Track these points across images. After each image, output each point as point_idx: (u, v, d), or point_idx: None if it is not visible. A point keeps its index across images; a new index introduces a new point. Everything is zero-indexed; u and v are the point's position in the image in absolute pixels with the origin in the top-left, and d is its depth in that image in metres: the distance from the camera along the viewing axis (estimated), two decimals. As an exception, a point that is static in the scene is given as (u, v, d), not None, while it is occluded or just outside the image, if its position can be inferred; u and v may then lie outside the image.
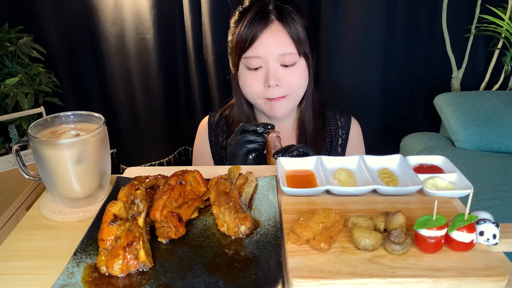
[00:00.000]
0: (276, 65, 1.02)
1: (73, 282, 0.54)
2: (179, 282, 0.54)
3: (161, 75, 2.21)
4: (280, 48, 1.01)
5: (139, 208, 0.61)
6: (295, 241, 0.57)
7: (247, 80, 1.05)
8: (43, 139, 0.68)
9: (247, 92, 1.07)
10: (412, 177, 0.73)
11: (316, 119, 1.15)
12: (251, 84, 1.04)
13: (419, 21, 2.07)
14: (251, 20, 1.01)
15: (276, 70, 1.02)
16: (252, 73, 1.03)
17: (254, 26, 1.01)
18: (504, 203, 1.49)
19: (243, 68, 1.06)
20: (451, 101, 1.94)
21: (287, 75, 1.02)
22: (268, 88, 1.02)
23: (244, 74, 1.06)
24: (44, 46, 2.00)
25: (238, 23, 1.05)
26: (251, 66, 1.03)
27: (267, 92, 1.03)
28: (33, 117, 1.84)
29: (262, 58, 1.01)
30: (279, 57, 1.01)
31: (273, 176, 0.76)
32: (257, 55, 1.01)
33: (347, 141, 1.17)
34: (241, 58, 1.04)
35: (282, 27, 1.01)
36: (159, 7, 2.06)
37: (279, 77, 1.01)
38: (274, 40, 1.01)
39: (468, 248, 0.56)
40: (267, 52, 1.01)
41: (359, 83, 2.15)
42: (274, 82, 1.01)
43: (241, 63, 1.05)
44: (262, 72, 1.03)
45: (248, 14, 1.03)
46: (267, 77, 1.01)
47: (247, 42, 1.01)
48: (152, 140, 2.36)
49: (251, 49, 1.01)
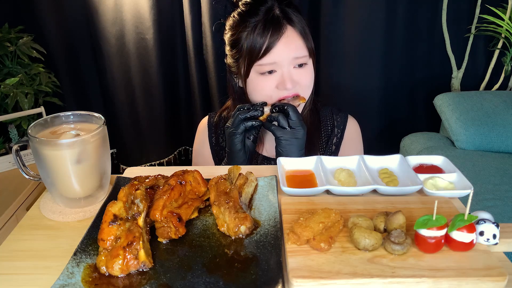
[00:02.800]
0: (290, 68, 1.02)
1: (73, 282, 0.54)
2: (179, 282, 0.54)
3: (161, 75, 2.21)
4: (294, 52, 1.02)
5: (139, 208, 0.61)
6: (295, 241, 0.57)
7: (260, 85, 1.04)
8: (43, 139, 0.68)
9: (258, 97, 1.06)
10: (412, 177, 0.73)
11: (313, 117, 1.16)
12: (263, 89, 1.04)
13: (419, 21, 2.07)
14: (263, 28, 1.01)
15: (290, 73, 1.02)
16: (265, 77, 1.03)
17: (268, 35, 1.00)
18: (504, 203, 1.49)
19: (255, 74, 1.04)
20: (451, 101, 1.94)
21: (299, 75, 1.03)
22: (285, 90, 1.02)
23: (256, 80, 1.05)
24: (44, 46, 2.00)
25: (241, 27, 1.04)
26: (264, 71, 1.02)
27: (280, 93, 1.03)
28: (33, 117, 1.83)
29: (278, 63, 1.02)
30: (293, 60, 1.02)
31: (273, 176, 0.76)
32: (273, 62, 1.02)
33: (342, 140, 1.17)
34: (253, 65, 1.04)
35: (294, 32, 1.02)
36: (159, 7, 2.06)
37: (294, 79, 1.02)
38: (289, 46, 1.01)
39: (468, 248, 0.56)
40: (283, 58, 1.01)
41: (359, 83, 2.15)
42: (291, 85, 1.01)
43: (253, 70, 1.04)
44: (276, 75, 1.03)
45: (253, 19, 1.02)
46: (282, 80, 1.02)
47: (261, 51, 1.01)
48: (152, 140, 2.36)
49: (267, 57, 1.01)
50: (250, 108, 0.98)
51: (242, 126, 0.96)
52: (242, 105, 1.00)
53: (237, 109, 0.99)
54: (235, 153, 0.98)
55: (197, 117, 2.33)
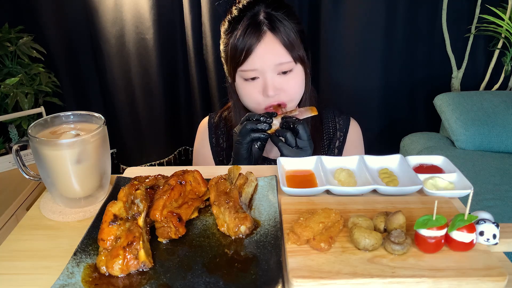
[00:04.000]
0: (273, 75, 1.01)
1: (73, 282, 0.54)
2: (179, 282, 0.54)
3: (161, 75, 2.21)
4: (275, 58, 1.00)
5: (139, 208, 0.61)
6: (295, 241, 0.57)
7: (246, 91, 1.04)
8: (43, 139, 0.68)
9: (248, 102, 1.06)
10: (412, 177, 0.73)
11: (314, 119, 1.15)
12: (249, 95, 1.04)
13: (419, 21, 2.07)
14: (244, 33, 1.00)
15: (273, 80, 1.01)
16: (249, 83, 1.03)
17: (247, 39, 0.99)
18: (504, 203, 1.49)
19: (239, 79, 1.05)
20: (451, 101, 1.94)
21: (284, 83, 1.02)
22: (268, 97, 1.02)
23: (242, 86, 1.05)
24: (44, 46, 2.00)
25: (229, 33, 1.04)
26: (247, 77, 1.02)
27: (267, 101, 1.03)
28: (33, 117, 1.84)
29: (259, 70, 1.01)
30: (275, 67, 1.00)
31: (273, 176, 0.76)
32: (253, 68, 1.01)
33: (345, 143, 1.17)
34: (236, 71, 1.04)
35: (274, 37, 1.00)
36: (159, 7, 2.06)
37: (276, 86, 1.01)
38: (268, 52, 1.00)
39: (468, 248, 0.56)
40: (263, 64, 1.00)
41: (359, 83, 2.15)
42: (272, 92, 1.00)
43: (237, 75, 1.04)
44: (259, 82, 1.02)
45: (239, 25, 1.02)
46: (264, 87, 1.01)
47: (241, 56, 1.00)
48: (152, 140, 2.36)
49: (247, 62, 1.00)
50: (260, 119, 0.95)
51: (248, 138, 0.94)
52: (252, 114, 0.97)
53: (246, 117, 0.97)
54: (241, 161, 0.97)
55: (197, 117, 2.33)
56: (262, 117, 0.95)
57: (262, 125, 0.94)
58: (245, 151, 0.96)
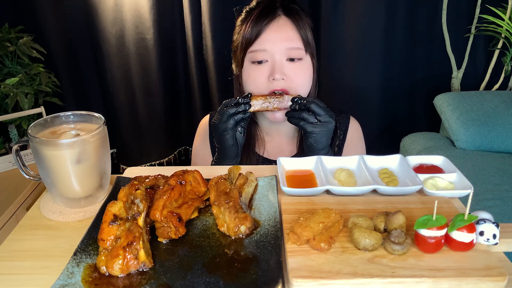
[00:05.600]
0: (282, 59, 1.02)
1: (73, 282, 0.54)
2: (179, 282, 0.54)
3: (161, 75, 2.21)
4: (286, 43, 1.01)
5: (139, 208, 0.61)
6: (295, 241, 0.57)
7: (252, 75, 1.05)
8: (43, 139, 0.68)
9: (251, 87, 1.06)
10: (412, 177, 0.73)
11: None
12: (255, 78, 1.04)
13: (419, 21, 2.07)
14: (258, 15, 1.02)
15: (282, 64, 1.02)
16: (257, 67, 1.03)
17: (260, 20, 1.01)
18: (504, 203, 1.49)
19: (248, 63, 1.06)
20: (451, 101, 1.94)
21: (292, 70, 1.03)
22: (272, 81, 1.02)
23: (248, 69, 1.06)
24: (44, 46, 2.00)
25: (244, 21, 1.06)
26: (256, 59, 1.03)
27: (271, 85, 1.03)
28: (33, 117, 1.84)
29: (268, 51, 1.01)
30: (285, 51, 1.01)
31: (273, 176, 0.76)
32: (263, 49, 1.02)
33: (345, 142, 1.17)
34: (246, 53, 1.04)
35: (289, 22, 1.02)
36: (159, 7, 2.06)
37: (284, 71, 1.02)
38: (281, 35, 1.01)
39: (468, 248, 0.56)
40: (273, 46, 1.01)
41: (359, 83, 2.15)
42: (279, 75, 1.01)
43: (246, 58, 1.05)
44: (267, 66, 1.03)
45: (255, 11, 1.04)
46: (272, 71, 1.02)
47: (252, 37, 1.02)
48: (152, 140, 2.36)
49: (257, 42, 1.02)
50: (238, 101, 0.97)
51: (232, 121, 0.96)
52: (229, 100, 0.99)
53: (223, 104, 0.99)
54: (227, 148, 0.99)
55: (197, 117, 2.33)
56: (239, 99, 0.97)
57: (242, 106, 0.96)
58: (230, 138, 0.97)
